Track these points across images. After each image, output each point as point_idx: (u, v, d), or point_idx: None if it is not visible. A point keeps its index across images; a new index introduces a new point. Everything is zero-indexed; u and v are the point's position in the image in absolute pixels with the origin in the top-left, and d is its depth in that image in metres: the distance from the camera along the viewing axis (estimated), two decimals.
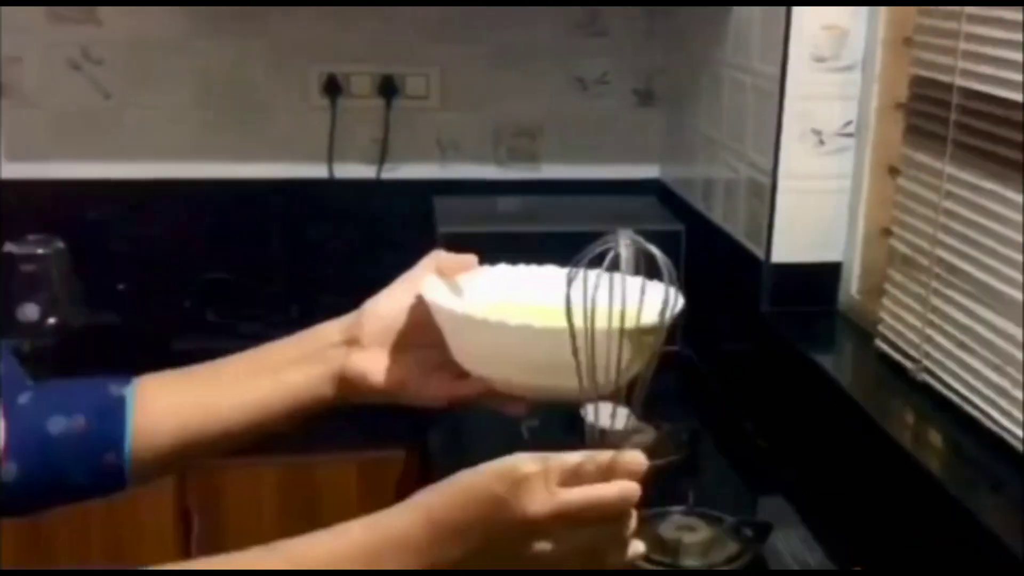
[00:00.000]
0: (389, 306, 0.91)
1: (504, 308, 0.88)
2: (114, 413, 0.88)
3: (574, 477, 0.74)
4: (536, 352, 0.83)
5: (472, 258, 0.93)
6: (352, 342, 0.91)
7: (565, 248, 0.85)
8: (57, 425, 0.87)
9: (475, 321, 0.83)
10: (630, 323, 0.80)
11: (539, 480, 0.73)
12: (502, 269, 0.94)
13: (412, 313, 0.89)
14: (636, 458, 0.76)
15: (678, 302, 0.84)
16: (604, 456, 0.75)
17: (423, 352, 0.90)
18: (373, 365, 0.91)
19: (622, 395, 0.82)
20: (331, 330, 0.92)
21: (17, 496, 0.85)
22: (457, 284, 0.92)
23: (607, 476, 0.74)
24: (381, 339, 0.90)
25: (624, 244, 0.80)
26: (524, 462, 0.74)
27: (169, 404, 0.90)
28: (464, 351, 0.86)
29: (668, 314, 0.81)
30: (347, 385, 0.91)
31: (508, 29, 2.28)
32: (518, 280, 0.94)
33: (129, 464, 0.88)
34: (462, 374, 0.89)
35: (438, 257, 0.93)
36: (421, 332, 0.88)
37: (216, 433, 0.90)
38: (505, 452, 1.70)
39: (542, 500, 0.72)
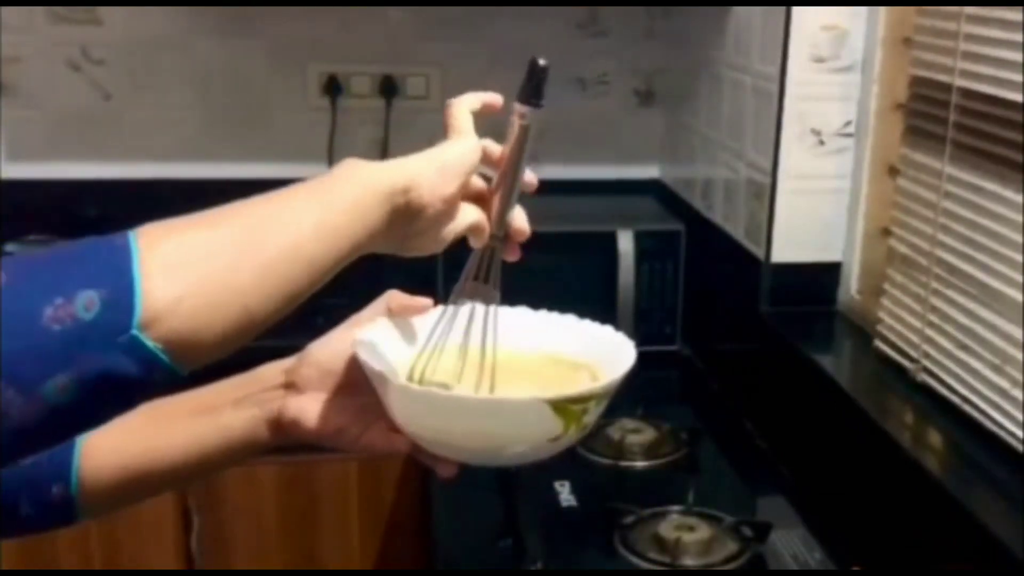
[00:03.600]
0: (331, 350, 0.88)
1: (443, 356, 0.85)
2: (62, 448, 0.86)
3: None
4: (454, 422, 0.81)
5: (426, 302, 0.90)
6: (290, 386, 0.88)
7: (565, 248, 0.86)
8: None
9: (388, 382, 0.80)
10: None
11: None
12: (461, 311, 0.87)
13: (353, 359, 0.85)
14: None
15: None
16: None
17: (363, 399, 0.86)
18: (309, 410, 0.87)
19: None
20: (272, 372, 0.90)
21: None
22: (411, 326, 0.89)
23: None
24: (319, 384, 0.87)
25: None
26: None
27: (113, 443, 0.88)
28: (390, 411, 0.83)
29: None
30: (282, 429, 0.87)
31: (508, 29, 2.28)
32: (475, 322, 0.87)
33: (77, 498, 0.86)
34: (396, 427, 0.86)
35: (391, 297, 0.90)
36: (362, 379, 0.84)
37: (159, 472, 0.88)
38: None
39: None
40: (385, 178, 0.77)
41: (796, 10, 1.65)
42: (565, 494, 1.53)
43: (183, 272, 0.65)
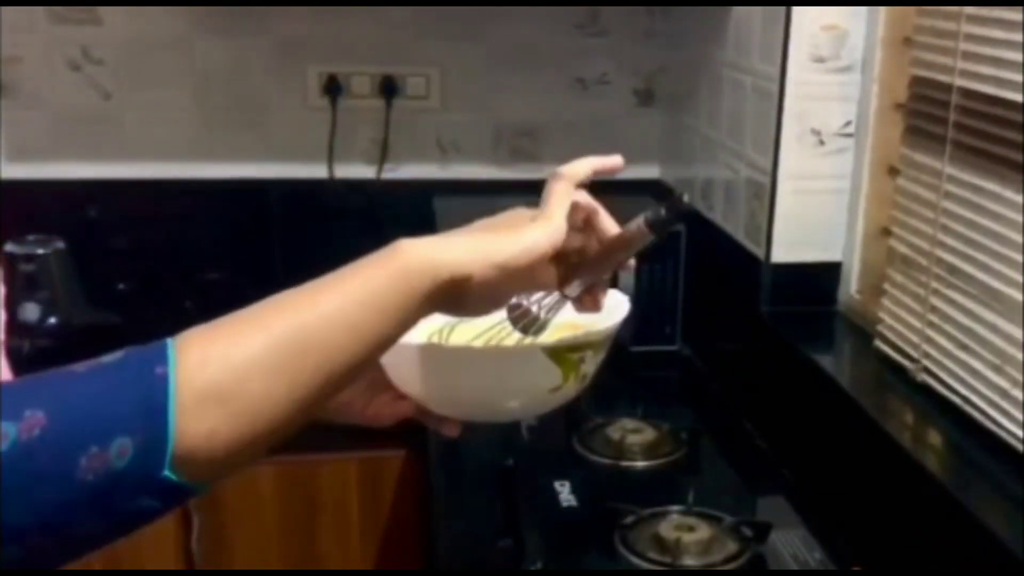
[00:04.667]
0: None
1: (443, 328, 0.86)
2: None
3: None
4: (457, 374, 0.82)
5: None
6: None
7: None
8: None
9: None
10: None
11: None
12: None
13: None
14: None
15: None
16: None
17: (369, 373, 0.84)
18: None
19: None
20: None
21: None
22: None
23: None
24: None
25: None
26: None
27: None
28: (395, 373, 0.84)
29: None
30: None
31: (508, 29, 2.28)
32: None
33: None
34: (402, 395, 0.87)
35: None
36: None
37: None
38: (505, 452, 1.70)
39: None
40: (433, 273, 0.72)
41: (796, 10, 1.65)
42: (565, 494, 1.53)
43: (220, 404, 0.64)
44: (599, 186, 0.88)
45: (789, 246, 1.73)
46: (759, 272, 1.76)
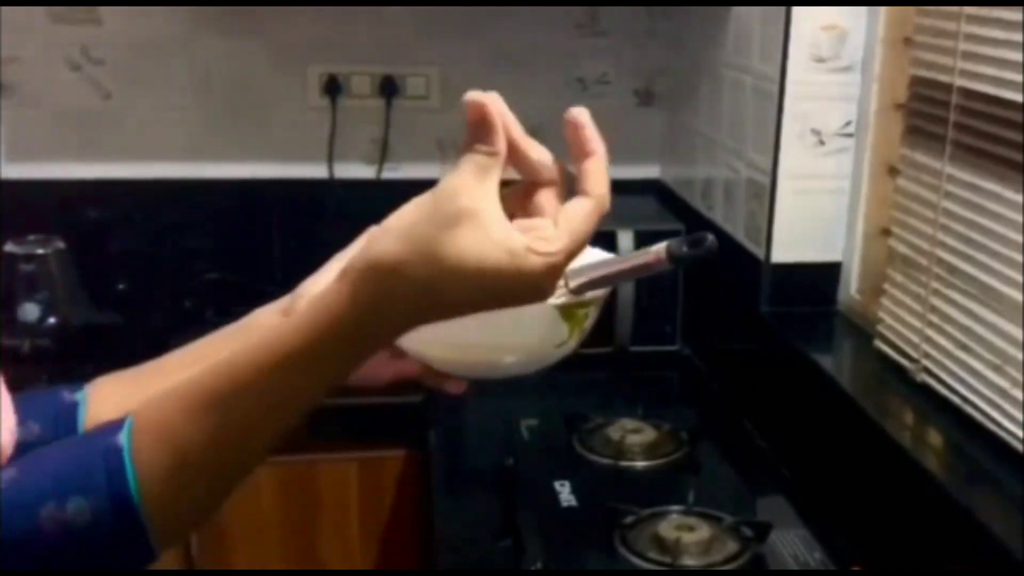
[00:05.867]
0: (326, 284, 0.89)
1: None
2: (68, 419, 0.87)
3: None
4: (460, 329, 0.79)
5: None
6: None
7: None
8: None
9: None
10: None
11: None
12: None
13: None
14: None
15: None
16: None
17: None
18: None
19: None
20: (267, 314, 0.90)
21: None
22: None
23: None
24: None
25: None
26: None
27: (118, 404, 0.89)
28: None
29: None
30: None
31: (508, 29, 2.28)
32: None
33: None
34: (401, 353, 0.84)
35: None
36: None
37: None
38: (505, 452, 1.70)
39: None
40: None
41: (796, 10, 1.65)
42: (565, 494, 1.53)
43: (174, 480, 0.69)
44: None
45: (789, 246, 1.73)
46: (759, 272, 1.76)
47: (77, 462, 0.68)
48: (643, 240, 2.01)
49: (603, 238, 0.84)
